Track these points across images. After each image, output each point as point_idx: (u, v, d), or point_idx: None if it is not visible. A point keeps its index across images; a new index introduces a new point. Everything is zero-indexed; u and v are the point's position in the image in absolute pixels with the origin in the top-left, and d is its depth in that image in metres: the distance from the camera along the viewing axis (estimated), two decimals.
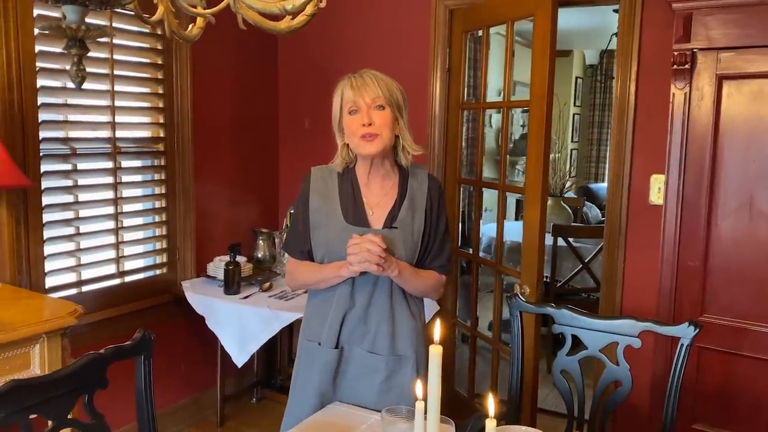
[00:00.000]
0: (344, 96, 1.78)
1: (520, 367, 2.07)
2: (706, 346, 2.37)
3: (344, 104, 1.78)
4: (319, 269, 1.83)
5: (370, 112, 1.74)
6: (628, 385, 1.92)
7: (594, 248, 4.10)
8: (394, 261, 1.74)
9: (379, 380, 1.80)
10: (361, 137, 1.75)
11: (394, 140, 1.80)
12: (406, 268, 1.77)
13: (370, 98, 1.75)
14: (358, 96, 1.75)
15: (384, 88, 1.76)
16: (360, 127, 1.74)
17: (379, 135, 1.74)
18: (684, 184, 2.41)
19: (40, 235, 2.56)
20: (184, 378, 3.32)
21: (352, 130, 1.77)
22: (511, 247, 4.22)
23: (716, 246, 2.38)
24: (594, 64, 7.23)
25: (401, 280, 1.78)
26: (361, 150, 1.77)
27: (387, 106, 1.76)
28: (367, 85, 1.75)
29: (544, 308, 2.06)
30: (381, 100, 1.75)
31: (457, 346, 3.60)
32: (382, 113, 1.75)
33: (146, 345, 1.63)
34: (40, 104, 2.52)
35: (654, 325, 1.89)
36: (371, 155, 1.78)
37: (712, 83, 2.30)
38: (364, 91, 1.75)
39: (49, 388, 1.39)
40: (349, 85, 1.77)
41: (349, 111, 1.77)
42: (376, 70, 1.81)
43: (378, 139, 1.75)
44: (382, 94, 1.75)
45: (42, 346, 1.99)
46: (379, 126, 1.74)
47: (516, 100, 3.14)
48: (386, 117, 1.76)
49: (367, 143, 1.75)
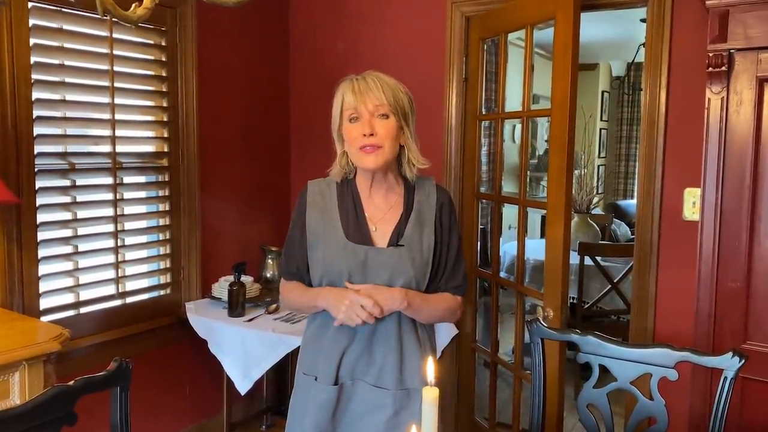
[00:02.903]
0: (345, 101, 1.61)
1: (542, 399, 1.88)
2: (751, 377, 2.13)
3: (344, 110, 1.62)
4: (301, 294, 1.67)
5: (373, 120, 1.58)
6: (664, 423, 1.72)
7: (624, 267, 3.88)
8: (400, 293, 1.57)
9: (385, 417, 1.62)
10: (361, 148, 1.58)
11: (398, 151, 1.64)
12: (415, 298, 1.60)
13: (373, 105, 1.58)
14: (360, 102, 1.58)
15: (389, 93, 1.59)
16: (360, 137, 1.58)
17: (381, 147, 1.58)
18: (722, 198, 2.20)
19: (34, 254, 2.44)
20: (188, 403, 3.17)
21: (351, 139, 1.61)
22: (535, 266, 4.01)
23: (760, 265, 2.16)
24: (621, 75, 7.01)
25: (412, 311, 1.61)
26: (360, 162, 1.61)
27: (391, 114, 1.59)
28: (370, 91, 1.58)
29: (568, 335, 1.87)
30: (385, 108, 1.59)
31: (478, 371, 3.40)
32: (385, 122, 1.59)
33: (123, 375, 1.48)
34: (35, 117, 2.42)
35: (692, 354, 1.69)
36: (371, 170, 1.62)
37: (752, 86, 2.09)
38: (367, 97, 1.58)
39: (9, 425, 1.24)
40: (351, 89, 1.60)
41: (350, 118, 1.61)
42: (381, 72, 1.66)
43: (380, 152, 1.58)
44: (387, 101, 1.59)
45: (22, 374, 1.85)
46: (381, 137, 1.58)
47: (536, 109, 2.96)
48: (390, 127, 1.59)
49: (367, 155, 1.59)
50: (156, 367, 2.97)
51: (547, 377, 1.90)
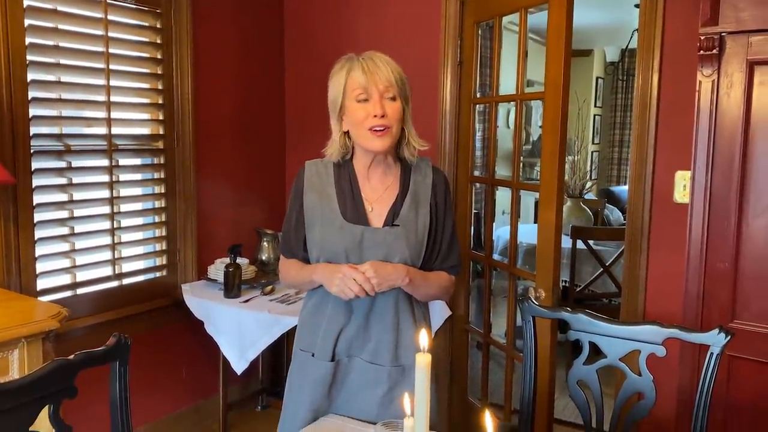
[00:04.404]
0: (353, 79, 1.60)
1: (532, 377, 1.92)
2: (738, 355, 2.18)
3: (351, 88, 1.60)
4: (299, 271, 1.69)
5: (383, 102, 1.59)
6: (652, 398, 1.75)
7: (615, 251, 3.92)
8: (402, 269, 1.59)
9: (380, 392, 1.65)
10: (371, 129, 1.59)
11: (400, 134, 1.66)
12: (416, 275, 1.63)
13: (384, 86, 1.59)
14: (371, 83, 1.58)
15: (396, 75, 1.61)
16: (370, 117, 1.58)
17: (389, 128, 1.59)
18: (712, 180, 2.23)
19: (30, 235, 2.45)
20: (185, 385, 3.20)
21: (358, 120, 1.60)
22: (528, 250, 4.05)
23: (748, 246, 2.19)
24: (615, 61, 7.02)
25: (412, 288, 1.63)
26: (369, 144, 1.62)
27: (398, 96, 1.61)
28: (380, 71, 1.59)
29: (559, 313, 1.90)
30: (393, 90, 1.60)
31: (471, 353, 3.45)
32: (393, 104, 1.60)
33: (122, 350, 1.51)
34: (30, 99, 2.43)
35: (680, 331, 1.73)
36: (378, 152, 1.63)
37: (742, 69, 2.12)
38: (378, 78, 1.58)
39: (9, 398, 1.26)
40: (360, 68, 1.59)
41: (357, 97, 1.60)
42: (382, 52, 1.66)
43: (388, 134, 1.60)
44: (395, 83, 1.60)
45: (21, 352, 1.87)
46: (390, 119, 1.59)
47: (530, 93, 2.98)
48: (397, 109, 1.61)
49: (377, 138, 1.59)
50: (152, 349, 2.99)
51: (538, 355, 1.94)
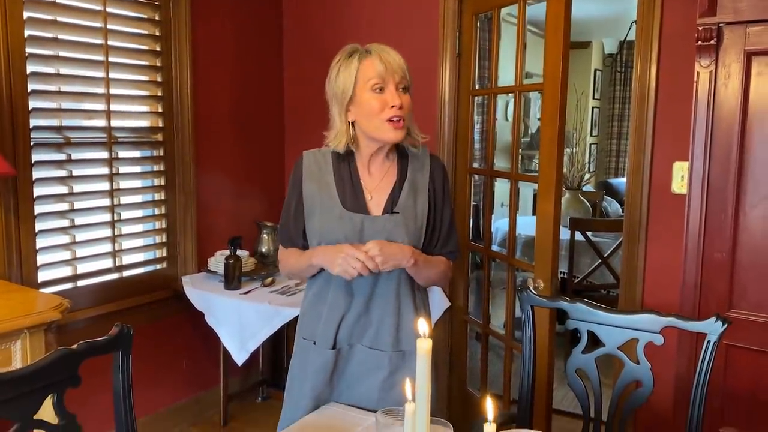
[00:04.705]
0: (368, 68, 1.60)
1: (531, 366, 1.94)
2: (735, 344, 2.20)
3: (365, 78, 1.60)
4: (298, 258, 1.71)
5: (399, 93, 1.61)
6: (650, 385, 1.77)
7: (613, 242, 3.94)
8: (408, 249, 1.61)
9: (381, 378, 1.67)
10: (389, 120, 1.60)
11: None
12: (420, 257, 1.64)
13: (399, 77, 1.61)
14: (389, 74, 1.59)
15: (406, 67, 1.63)
16: (387, 108, 1.59)
17: (404, 120, 1.62)
18: (710, 171, 2.24)
19: (31, 227, 2.46)
20: (185, 376, 3.22)
21: (374, 110, 1.60)
22: (526, 242, 4.07)
23: (745, 236, 2.21)
24: (613, 53, 7.02)
25: (416, 269, 1.64)
26: (384, 135, 1.62)
27: (409, 88, 1.64)
28: (395, 62, 1.61)
29: (558, 302, 1.91)
30: (406, 81, 1.63)
31: (470, 344, 3.46)
32: (406, 96, 1.63)
33: (124, 340, 1.52)
34: (30, 91, 2.43)
35: (678, 320, 1.74)
36: (394, 142, 1.65)
37: (739, 60, 2.13)
38: (395, 68, 1.60)
39: (14, 386, 1.27)
40: (379, 57, 1.60)
41: (374, 87, 1.60)
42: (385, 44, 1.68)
43: (403, 125, 1.62)
44: (407, 76, 1.63)
45: (24, 342, 1.89)
46: (405, 110, 1.62)
47: (529, 84, 2.99)
48: (409, 101, 1.64)
49: (395, 129, 1.61)
50: (153, 341, 3.01)
51: (537, 344, 1.96)
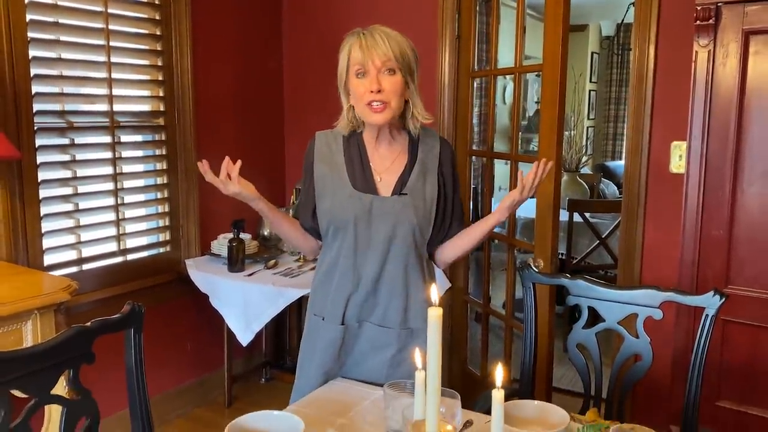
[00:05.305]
0: (351, 56, 1.62)
1: (533, 342, 1.97)
2: (732, 320, 2.24)
3: (351, 64, 1.63)
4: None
5: (380, 76, 1.60)
6: (649, 359, 1.81)
7: (611, 224, 3.97)
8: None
9: (389, 354, 1.71)
10: (368, 105, 1.61)
11: (403, 106, 1.68)
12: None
13: (381, 61, 1.59)
14: (367, 57, 1.59)
15: (396, 48, 1.60)
16: (367, 92, 1.60)
17: (387, 103, 1.61)
18: (707, 150, 2.27)
19: (37, 211, 2.48)
20: (190, 358, 3.26)
21: (358, 95, 1.63)
22: (525, 224, 4.10)
23: (742, 214, 2.24)
24: (610, 35, 7.02)
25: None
26: (368, 119, 1.65)
27: (398, 69, 1.61)
28: (377, 46, 1.59)
29: (559, 279, 1.95)
30: (392, 63, 1.60)
31: (470, 325, 3.51)
32: (392, 78, 1.61)
33: (136, 318, 1.54)
34: (33, 75, 2.44)
35: (676, 294, 1.78)
36: (378, 125, 1.66)
37: (737, 39, 2.15)
38: (374, 53, 1.59)
39: (31, 362, 1.30)
40: (358, 44, 1.61)
41: (356, 73, 1.62)
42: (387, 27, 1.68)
43: (386, 109, 1.61)
44: (393, 56, 1.60)
45: (35, 322, 1.92)
46: (388, 93, 1.60)
47: (529, 65, 3.00)
48: (396, 83, 1.61)
49: (374, 113, 1.62)
50: (157, 324, 3.04)
51: (538, 321, 1.99)
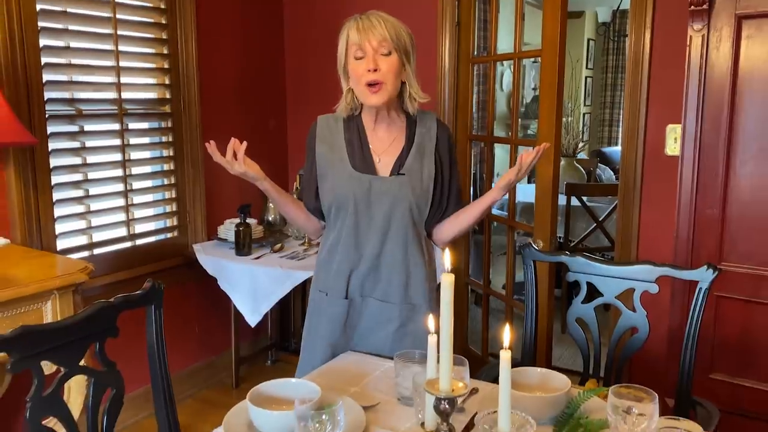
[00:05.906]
0: (350, 39, 1.70)
1: (534, 319, 2.05)
2: (725, 295, 2.33)
3: (349, 47, 1.70)
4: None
5: (376, 57, 1.67)
6: (645, 332, 1.89)
7: (608, 207, 4.05)
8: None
9: (392, 329, 1.78)
10: (366, 85, 1.68)
11: (400, 87, 1.74)
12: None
13: (377, 42, 1.67)
14: (364, 39, 1.67)
15: (392, 30, 1.68)
16: (365, 73, 1.67)
17: (383, 83, 1.68)
18: (701, 131, 2.35)
19: (49, 197, 2.54)
20: (198, 341, 3.33)
21: (357, 76, 1.70)
22: (525, 208, 4.17)
23: (735, 193, 2.33)
24: (606, 22, 7.06)
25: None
26: (365, 100, 1.72)
27: (394, 51, 1.68)
28: (374, 28, 1.67)
29: (558, 256, 2.03)
30: (388, 45, 1.67)
31: (470, 309, 3.58)
32: (388, 59, 1.68)
33: (156, 295, 1.62)
34: (44, 64, 2.49)
35: (671, 269, 1.86)
36: (375, 106, 1.73)
37: (731, 24, 2.22)
38: (371, 34, 1.67)
39: (59, 335, 1.37)
40: (355, 27, 1.69)
41: (354, 55, 1.70)
42: (384, 12, 1.75)
43: (383, 89, 1.68)
44: (389, 38, 1.67)
45: (54, 303, 1.98)
46: (384, 73, 1.67)
47: (528, 51, 3.06)
48: (392, 63, 1.68)
49: (372, 94, 1.69)
50: (166, 307, 3.00)
51: (538, 298, 2.07)
